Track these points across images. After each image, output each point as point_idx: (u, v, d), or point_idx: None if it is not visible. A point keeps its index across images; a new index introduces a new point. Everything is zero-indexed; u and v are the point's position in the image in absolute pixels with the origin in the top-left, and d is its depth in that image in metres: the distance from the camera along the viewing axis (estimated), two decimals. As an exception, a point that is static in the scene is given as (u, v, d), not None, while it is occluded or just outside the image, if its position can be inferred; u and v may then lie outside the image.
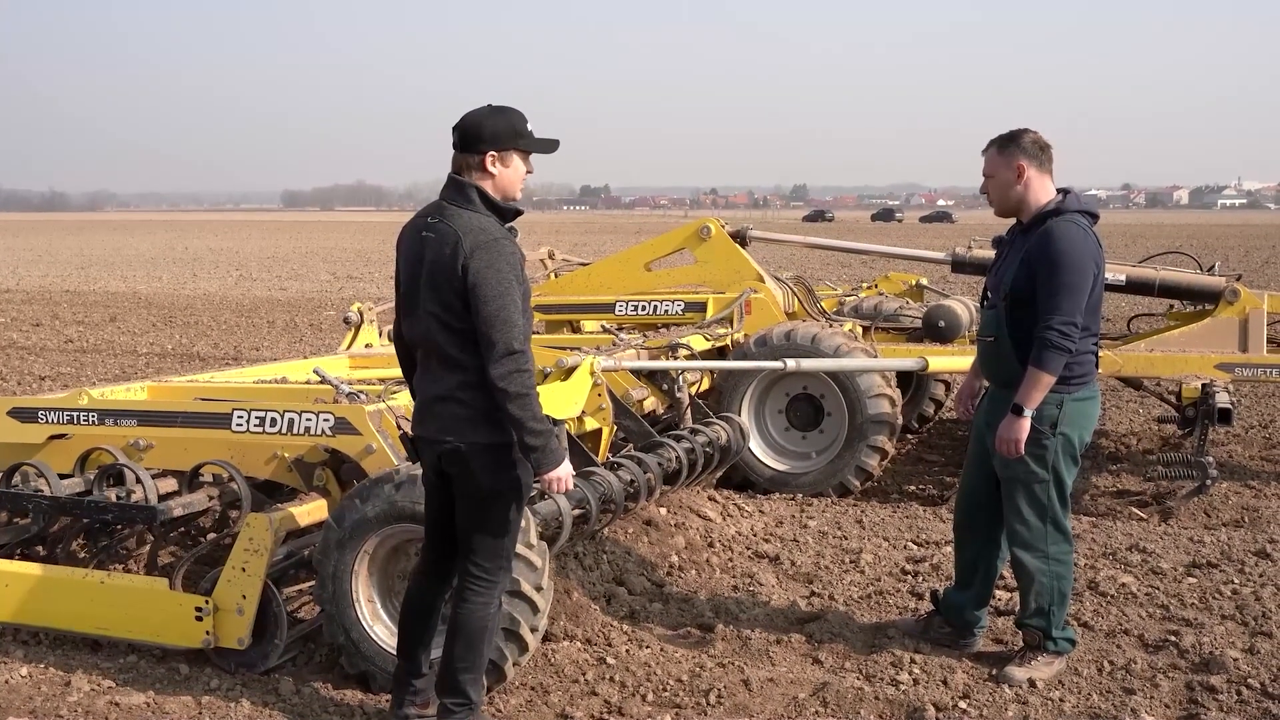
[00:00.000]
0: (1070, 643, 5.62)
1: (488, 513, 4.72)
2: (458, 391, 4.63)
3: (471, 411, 4.62)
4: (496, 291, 4.49)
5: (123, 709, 5.22)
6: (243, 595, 5.48)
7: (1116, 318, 17.91)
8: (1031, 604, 5.55)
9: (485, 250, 4.51)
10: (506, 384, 4.49)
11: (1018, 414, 5.27)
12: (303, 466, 6.02)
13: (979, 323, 5.83)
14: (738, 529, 7.88)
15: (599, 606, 6.35)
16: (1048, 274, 5.21)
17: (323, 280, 38.10)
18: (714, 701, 5.31)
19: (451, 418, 4.65)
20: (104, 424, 6.48)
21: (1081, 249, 5.25)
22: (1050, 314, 5.17)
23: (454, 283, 4.52)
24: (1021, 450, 5.31)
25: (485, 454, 4.64)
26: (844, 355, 8.79)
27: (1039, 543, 5.50)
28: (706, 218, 10.85)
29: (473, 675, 4.79)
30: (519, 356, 4.52)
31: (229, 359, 18.06)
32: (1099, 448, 10.69)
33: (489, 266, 4.50)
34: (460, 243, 4.52)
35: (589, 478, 6.41)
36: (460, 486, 4.74)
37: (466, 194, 4.65)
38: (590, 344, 8.49)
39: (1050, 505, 5.47)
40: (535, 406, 4.56)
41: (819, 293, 10.98)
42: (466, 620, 4.75)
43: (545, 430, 4.62)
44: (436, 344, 4.63)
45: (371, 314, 10.03)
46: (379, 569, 5.50)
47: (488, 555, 4.75)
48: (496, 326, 4.48)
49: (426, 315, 4.63)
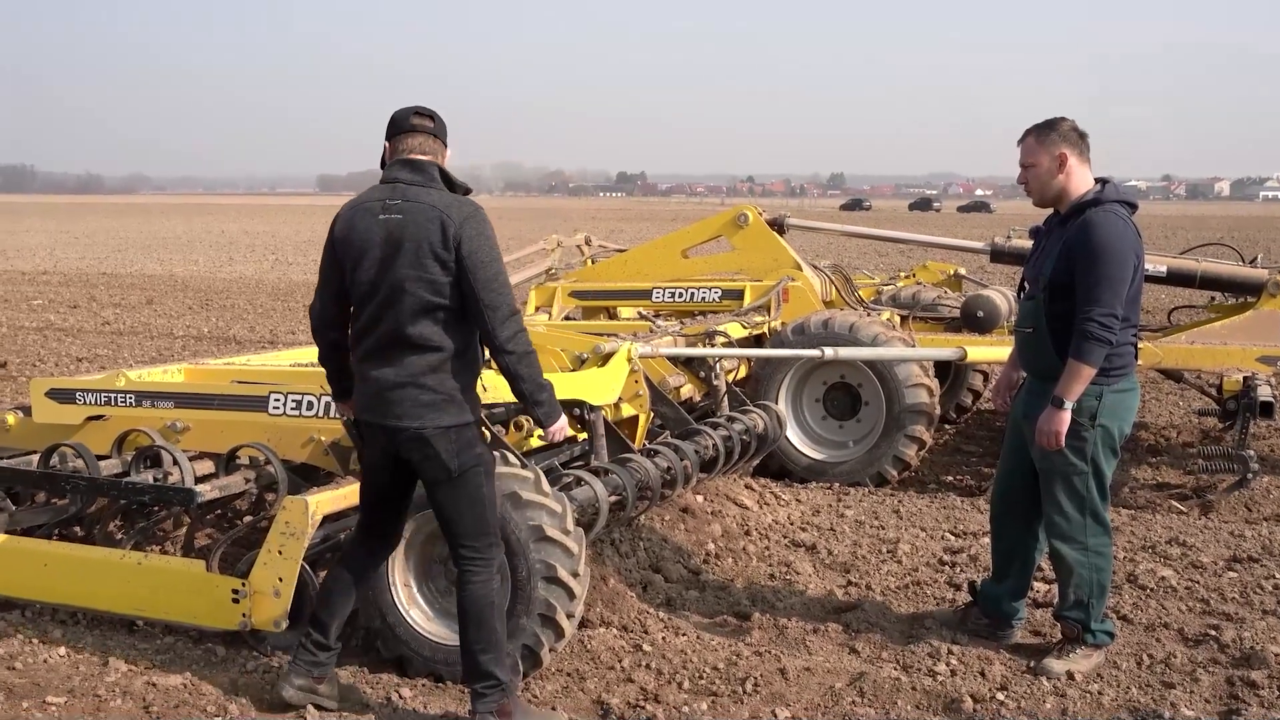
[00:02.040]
0: (1109, 635, 5.57)
1: (461, 493, 4.75)
2: (423, 376, 4.65)
3: (434, 396, 4.65)
4: (492, 257, 4.63)
5: (160, 690, 5.22)
6: (279, 578, 5.47)
7: (1157, 309, 17.82)
8: (1070, 596, 5.50)
9: (475, 220, 4.63)
10: (514, 344, 4.62)
11: (1058, 406, 5.20)
12: (339, 450, 6.01)
13: (1017, 314, 5.76)
14: (774, 517, 7.86)
15: (635, 593, 6.33)
16: (1088, 264, 5.14)
17: (358, 265, 38.10)
18: (750, 690, 5.29)
19: (412, 403, 4.66)
20: (141, 406, 6.51)
21: (1122, 239, 5.18)
22: (1091, 305, 5.11)
23: (443, 256, 4.56)
24: (1062, 442, 5.25)
25: (447, 436, 4.68)
26: (882, 344, 8.74)
27: (1078, 535, 5.43)
28: (744, 205, 10.82)
29: (493, 655, 4.78)
30: (518, 317, 4.68)
31: (265, 342, 18.13)
32: (1138, 440, 10.60)
33: (480, 234, 4.61)
34: (446, 219, 4.58)
35: (626, 464, 6.39)
36: (427, 472, 4.77)
37: (430, 173, 4.74)
38: (627, 330, 8.47)
39: (1089, 497, 5.41)
40: (537, 363, 4.74)
41: (856, 282, 10.93)
42: (471, 603, 4.76)
43: (549, 385, 4.79)
44: (411, 328, 4.63)
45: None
46: (415, 553, 5.50)
47: (473, 534, 4.79)
48: (496, 289, 4.61)
49: (402, 296, 4.62)
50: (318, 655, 5.04)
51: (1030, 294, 5.50)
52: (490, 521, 4.83)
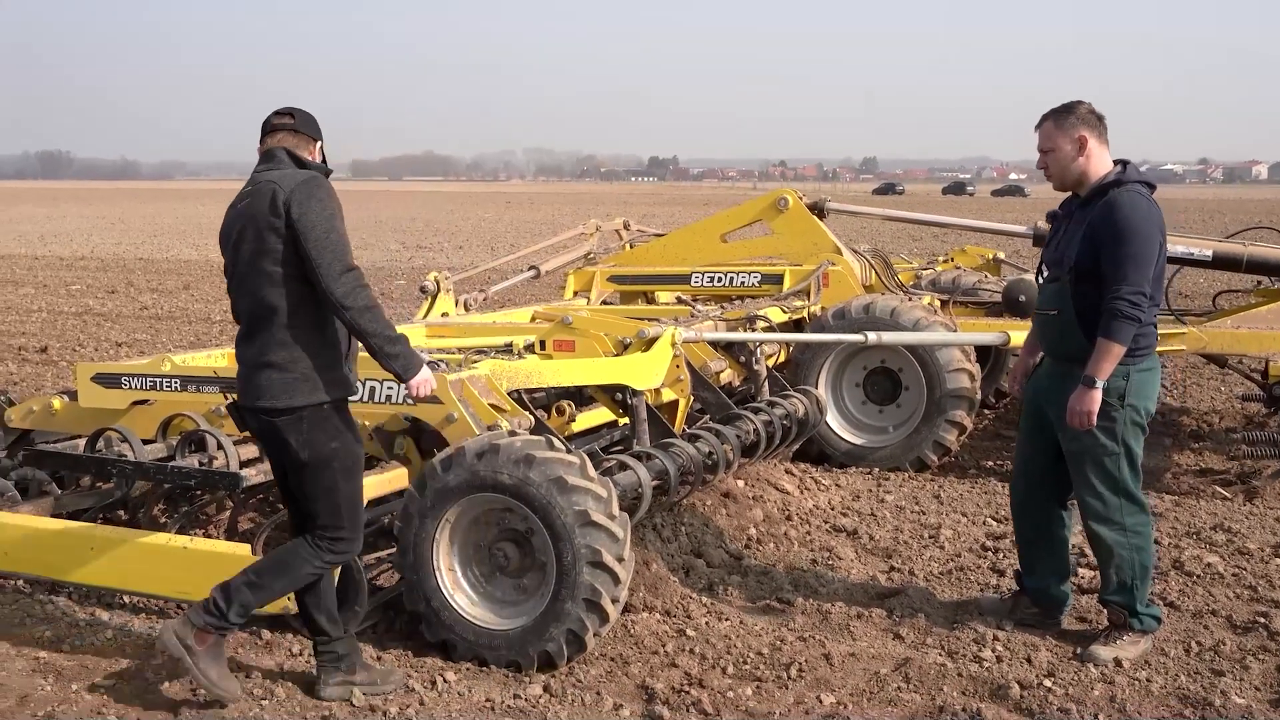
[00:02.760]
0: (1156, 620, 5.53)
1: (315, 483, 4.79)
2: (274, 354, 4.70)
3: (284, 375, 4.69)
4: (322, 217, 4.63)
5: (207, 673, 5.24)
6: (324, 562, 5.49)
7: (1198, 294, 17.69)
8: (1113, 579, 5.46)
9: (304, 186, 4.67)
10: (351, 299, 4.62)
11: (1090, 385, 5.18)
12: (383, 435, 6.02)
13: (1038, 297, 5.73)
14: (815, 502, 7.83)
15: (678, 578, 6.32)
16: (1114, 244, 5.14)
17: (392, 250, 38.30)
18: (795, 675, 5.27)
19: (266, 383, 4.72)
20: (186, 390, 6.53)
21: (1147, 219, 5.19)
22: (1119, 284, 5.10)
23: (275, 224, 4.63)
24: (1094, 421, 5.23)
25: (297, 422, 4.71)
26: (924, 329, 8.69)
27: (1114, 515, 5.40)
28: (784, 189, 10.76)
29: (249, 595, 4.82)
30: (356, 273, 4.65)
31: (302, 327, 18.15)
32: (1181, 425, 10.53)
33: (310, 197, 4.64)
34: (277, 188, 4.65)
35: (668, 449, 6.38)
36: (285, 454, 4.83)
37: (275, 156, 4.84)
38: (668, 315, 8.45)
39: (1121, 477, 5.37)
40: (383, 317, 4.71)
41: (894, 266, 10.86)
42: (288, 556, 4.86)
43: (399, 337, 4.78)
44: (262, 305, 4.69)
45: (448, 283, 10.02)
46: (460, 537, 5.50)
47: (324, 525, 4.84)
48: (328, 248, 4.60)
49: (252, 273, 4.70)
50: (335, 649, 5.07)
51: (1053, 277, 5.47)
52: (343, 517, 4.86)
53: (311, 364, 4.71)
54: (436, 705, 4.96)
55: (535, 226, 52.39)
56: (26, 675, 5.25)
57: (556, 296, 12.93)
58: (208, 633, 4.78)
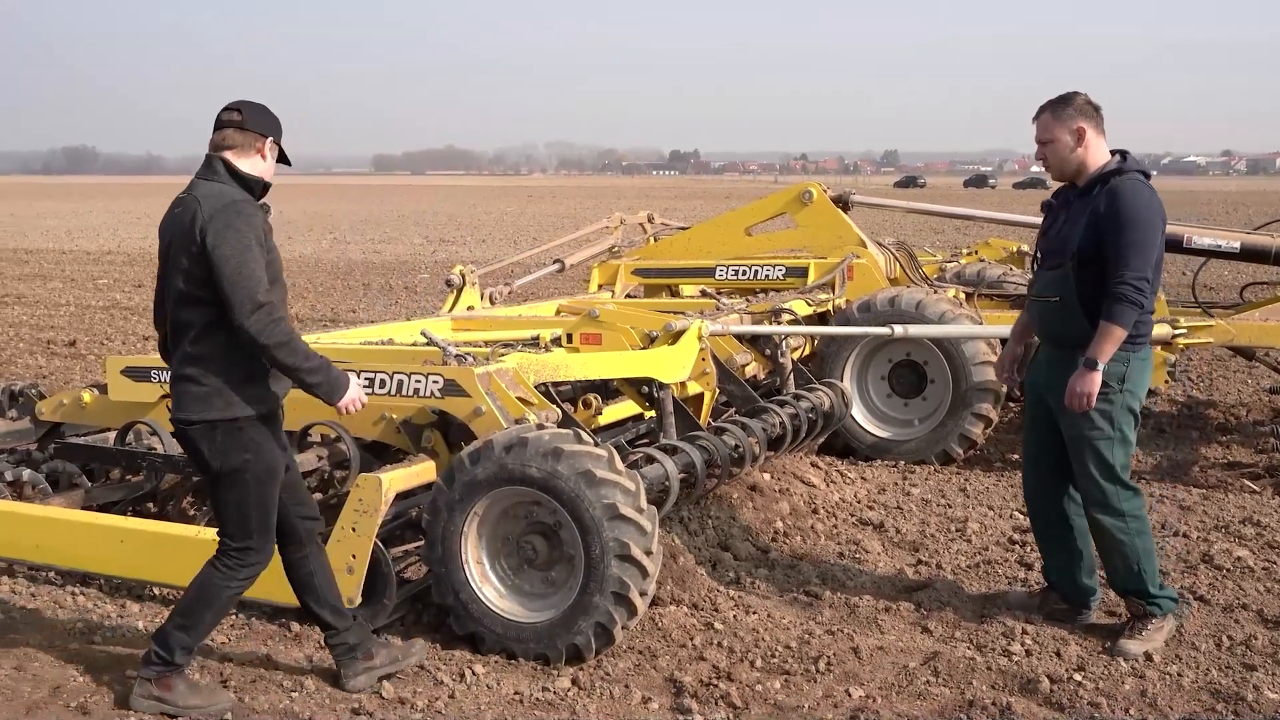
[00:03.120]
0: (1172, 600, 5.56)
1: (226, 493, 4.82)
2: (187, 366, 4.72)
3: (199, 388, 4.70)
4: (235, 250, 4.56)
5: (236, 663, 5.28)
6: (352, 555, 5.50)
7: (1224, 286, 17.60)
8: (1119, 567, 5.49)
9: (223, 213, 4.61)
10: (265, 337, 4.58)
11: (1091, 368, 5.22)
12: (411, 428, 6.03)
13: (1035, 286, 5.73)
14: (841, 496, 7.82)
15: (705, 571, 6.32)
16: (1118, 231, 5.19)
17: (415, 243, 38.39)
18: (824, 669, 5.26)
19: (181, 395, 4.75)
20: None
21: (1149, 206, 5.25)
22: (1123, 270, 5.15)
23: (191, 248, 4.60)
24: (1094, 403, 5.26)
25: (209, 432, 4.72)
26: (949, 321, 8.67)
27: (1113, 502, 5.43)
28: (809, 182, 10.74)
29: (184, 636, 4.87)
30: (268, 308, 4.58)
31: (327, 320, 18.24)
32: (1207, 418, 10.47)
33: (227, 227, 4.58)
34: (199, 209, 4.62)
35: (694, 442, 6.38)
36: (196, 464, 4.90)
37: (213, 167, 4.79)
38: (694, 308, 8.44)
39: (1115, 463, 5.41)
40: (300, 348, 4.69)
41: (919, 259, 10.83)
42: (204, 585, 4.89)
43: (320, 366, 4.77)
44: (178, 320, 4.74)
45: (473, 277, 10.04)
46: (488, 531, 5.51)
47: (232, 535, 4.88)
48: (239, 284, 4.54)
49: (170, 288, 4.74)
50: (345, 639, 5.10)
51: (1054, 264, 5.49)
52: (254, 529, 4.86)
53: (224, 380, 4.70)
54: (465, 697, 4.98)
55: (557, 220, 52.44)
56: (59, 666, 5.28)
57: (581, 290, 12.94)
58: (166, 678, 4.85)
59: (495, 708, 4.90)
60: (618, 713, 4.89)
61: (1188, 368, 12.41)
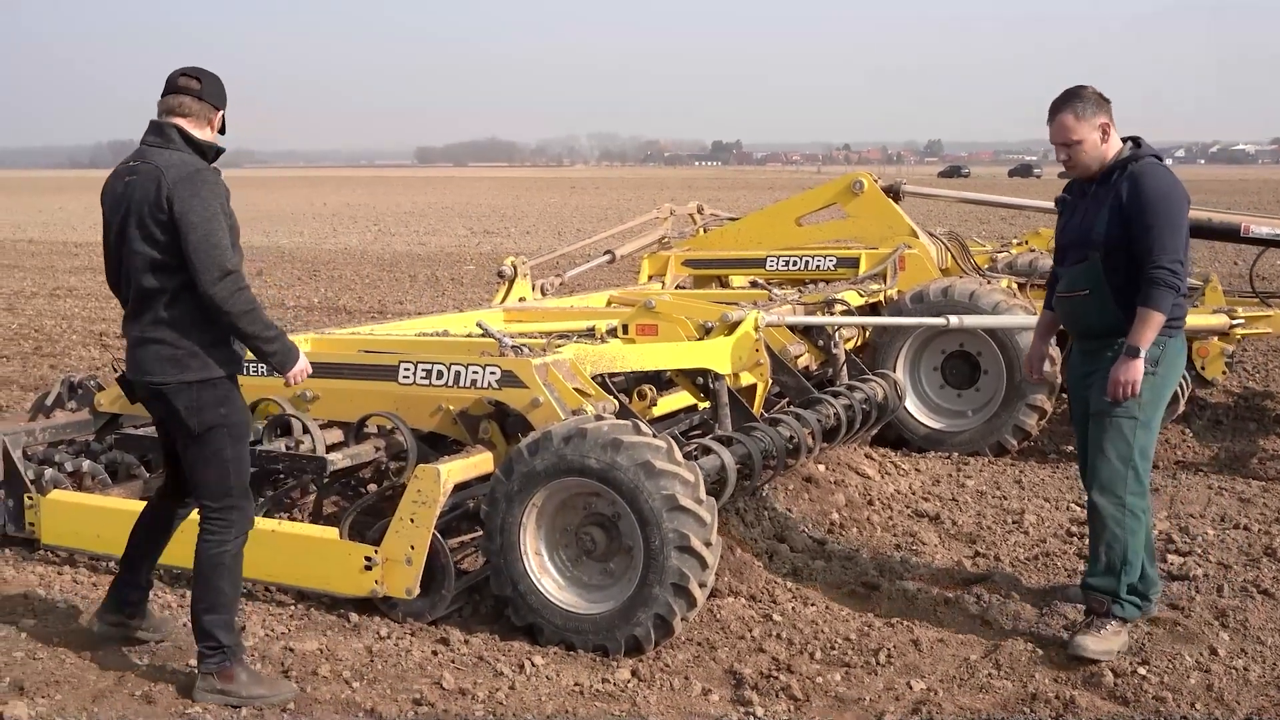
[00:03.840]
0: (1136, 608, 5.42)
1: (203, 452, 4.89)
2: (160, 330, 4.78)
3: (173, 351, 4.78)
4: (203, 218, 4.66)
5: (297, 655, 5.29)
6: (411, 546, 5.52)
7: (1276, 276, 17.39)
8: (1101, 557, 5.34)
9: (188, 181, 4.70)
10: (230, 304, 4.69)
11: (1133, 355, 5.12)
12: (468, 419, 6.04)
13: (1060, 283, 5.60)
14: (896, 487, 7.79)
15: (762, 563, 6.30)
16: (1148, 215, 5.12)
17: (460, 235, 38.48)
18: (884, 661, 5.24)
19: (155, 358, 4.81)
20: (272, 375, 6.56)
21: (1174, 187, 5.19)
22: (1158, 254, 5.07)
23: (159, 216, 4.67)
24: (1138, 390, 5.16)
25: (188, 392, 4.80)
26: (1003, 312, 8.60)
27: (1117, 487, 5.28)
28: (859, 172, 10.68)
29: (216, 616, 4.91)
30: (235, 276, 4.73)
31: (375, 312, 18.31)
32: (1265, 410, 10.34)
33: (194, 195, 4.67)
34: (163, 177, 4.69)
35: (750, 433, 6.36)
36: (172, 427, 4.96)
37: (166, 134, 4.85)
38: (747, 299, 8.41)
39: (1134, 447, 5.27)
40: (262, 318, 4.83)
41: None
42: (201, 562, 4.94)
43: (277, 335, 4.93)
44: (143, 284, 4.77)
45: (525, 268, 10.05)
46: (547, 522, 5.52)
47: (213, 495, 4.94)
48: (205, 250, 4.64)
49: (134, 255, 4.77)
50: (128, 595, 5.29)
51: (1079, 257, 5.39)
52: (233, 484, 4.96)
53: (197, 342, 4.81)
54: (526, 689, 4.98)
55: (601, 211, 52.45)
56: (121, 655, 5.31)
57: (629, 281, 12.92)
58: (227, 669, 4.89)
59: (556, 699, 4.89)
60: (678, 704, 4.88)
61: (1243, 358, 12.26)
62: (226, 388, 4.90)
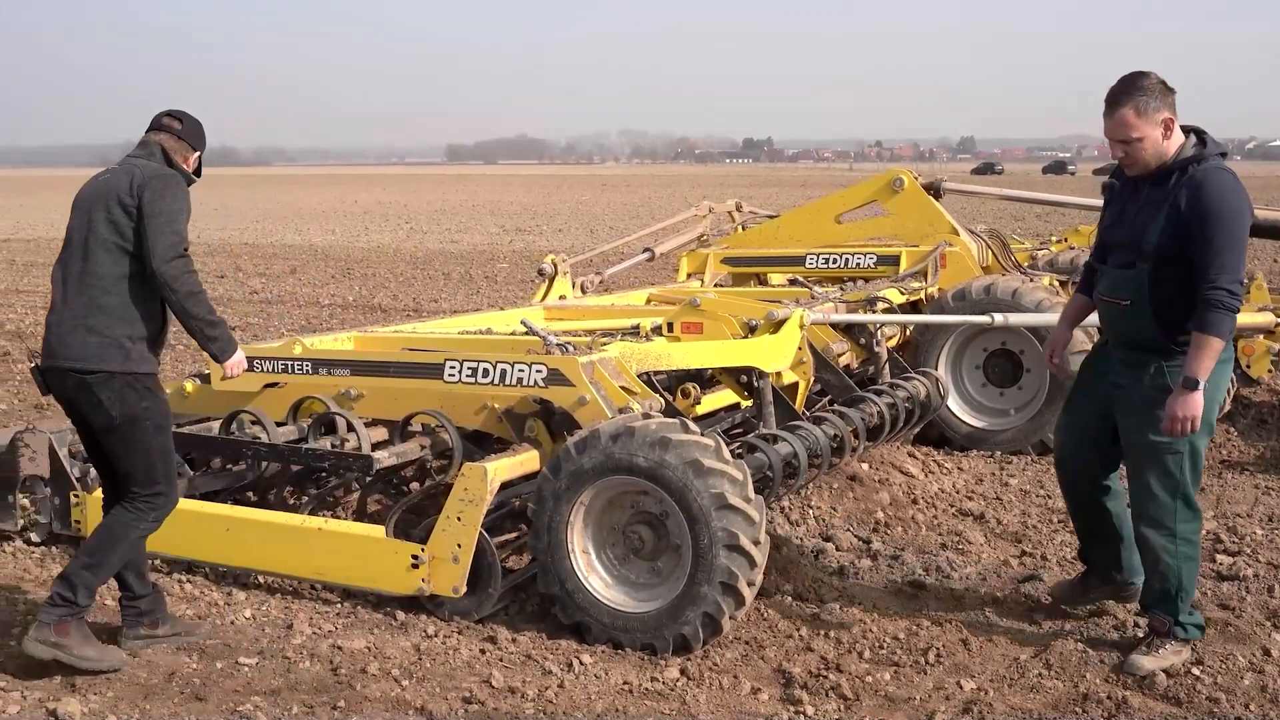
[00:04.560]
0: (1199, 629, 5.16)
1: (127, 441, 5.00)
2: (94, 317, 4.91)
3: (100, 339, 4.91)
4: (168, 205, 4.95)
5: (345, 653, 5.29)
6: (458, 544, 5.53)
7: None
8: (1155, 587, 5.10)
9: (160, 179, 5.02)
10: (179, 283, 4.90)
11: (1191, 388, 4.68)
12: (513, 417, 6.04)
13: (1102, 283, 5.20)
14: (940, 486, 7.75)
15: (807, 561, 6.29)
16: (1209, 230, 4.66)
17: (491, 233, 38.54)
18: (933, 660, 5.22)
19: (82, 344, 4.92)
20: (318, 373, 6.59)
21: (1238, 197, 4.74)
22: (1216, 274, 4.62)
23: (126, 201, 4.94)
24: (1198, 427, 4.77)
25: (111, 383, 4.91)
26: (1046, 310, 8.54)
27: (1167, 519, 4.97)
28: (899, 169, 10.64)
29: (89, 575, 5.02)
30: (187, 259, 4.98)
31: (410, 310, 18.35)
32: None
33: (165, 187, 4.99)
34: (136, 173, 5.01)
35: (795, 431, 6.34)
36: (93, 418, 5.03)
37: (150, 149, 5.20)
38: (789, 297, 8.39)
39: (1183, 479, 4.95)
40: (207, 302, 5.05)
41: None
42: (110, 526, 5.06)
43: (219, 322, 5.14)
44: (94, 271, 4.95)
45: (565, 266, 10.05)
46: (594, 520, 5.52)
47: (141, 482, 5.05)
48: (166, 233, 4.90)
49: (96, 241, 4.97)
50: (137, 605, 5.34)
51: (1126, 262, 4.98)
52: (158, 473, 5.07)
53: (126, 335, 4.94)
54: (575, 687, 4.97)
55: (633, 209, 52.44)
56: (171, 653, 5.33)
57: (665, 279, 12.91)
58: (65, 623, 4.98)
59: (606, 697, 4.89)
60: (728, 703, 4.87)
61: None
62: (149, 382, 5.04)
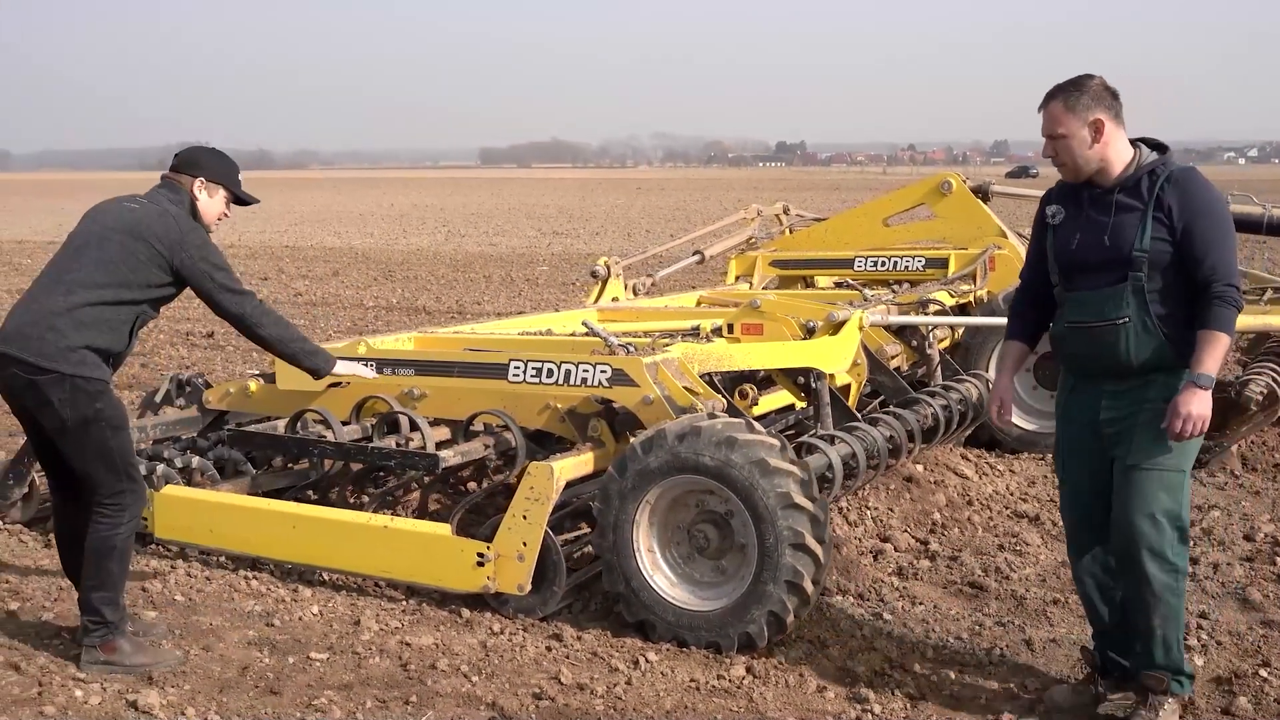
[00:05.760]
0: (1191, 679, 4.72)
1: (84, 445, 5.04)
2: (62, 320, 4.95)
3: (67, 341, 4.94)
4: (214, 258, 5.30)
5: (414, 649, 5.36)
6: (523, 542, 5.59)
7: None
8: (1157, 634, 4.56)
9: (196, 233, 5.27)
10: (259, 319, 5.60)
11: (1204, 385, 4.34)
12: (576, 417, 6.10)
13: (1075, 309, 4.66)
14: (994, 488, 7.77)
15: (867, 562, 6.33)
16: (1207, 229, 4.42)
17: (529, 236, 38.67)
18: (997, 660, 5.25)
19: (46, 340, 4.94)
20: (382, 373, 6.67)
21: (1219, 195, 4.55)
22: (1224, 270, 4.40)
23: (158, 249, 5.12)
24: (1206, 426, 4.42)
25: (62, 385, 4.94)
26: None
27: (1168, 550, 4.49)
28: (947, 172, 10.65)
29: (104, 594, 5.09)
30: (251, 294, 5.50)
31: (454, 312, 18.45)
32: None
33: (201, 246, 5.25)
34: (172, 226, 5.18)
35: (852, 431, 6.39)
36: (44, 420, 5.05)
37: (180, 195, 5.36)
38: (843, 299, 8.43)
39: (1182, 504, 4.53)
40: (291, 326, 5.65)
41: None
42: (94, 543, 5.08)
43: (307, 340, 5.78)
44: (89, 283, 5.02)
45: (618, 268, 10.12)
46: (659, 519, 5.57)
47: (104, 485, 5.08)
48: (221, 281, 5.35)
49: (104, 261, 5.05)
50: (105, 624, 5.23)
51: (1111, 279, 4.52)
52: (122, 470, 5.11)
53: (87, 345, 4.98)
54: (643, 684, 5.03)
55: (668, 213, 52.46)
56: (243, 648, 5.41)
57: (716, 281, 12.95)
58: (109, 641, 5.10)
59: (674, 695, 4.94)
60: (795, 701, 4.91)
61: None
62: (100, 386, 5.06)
